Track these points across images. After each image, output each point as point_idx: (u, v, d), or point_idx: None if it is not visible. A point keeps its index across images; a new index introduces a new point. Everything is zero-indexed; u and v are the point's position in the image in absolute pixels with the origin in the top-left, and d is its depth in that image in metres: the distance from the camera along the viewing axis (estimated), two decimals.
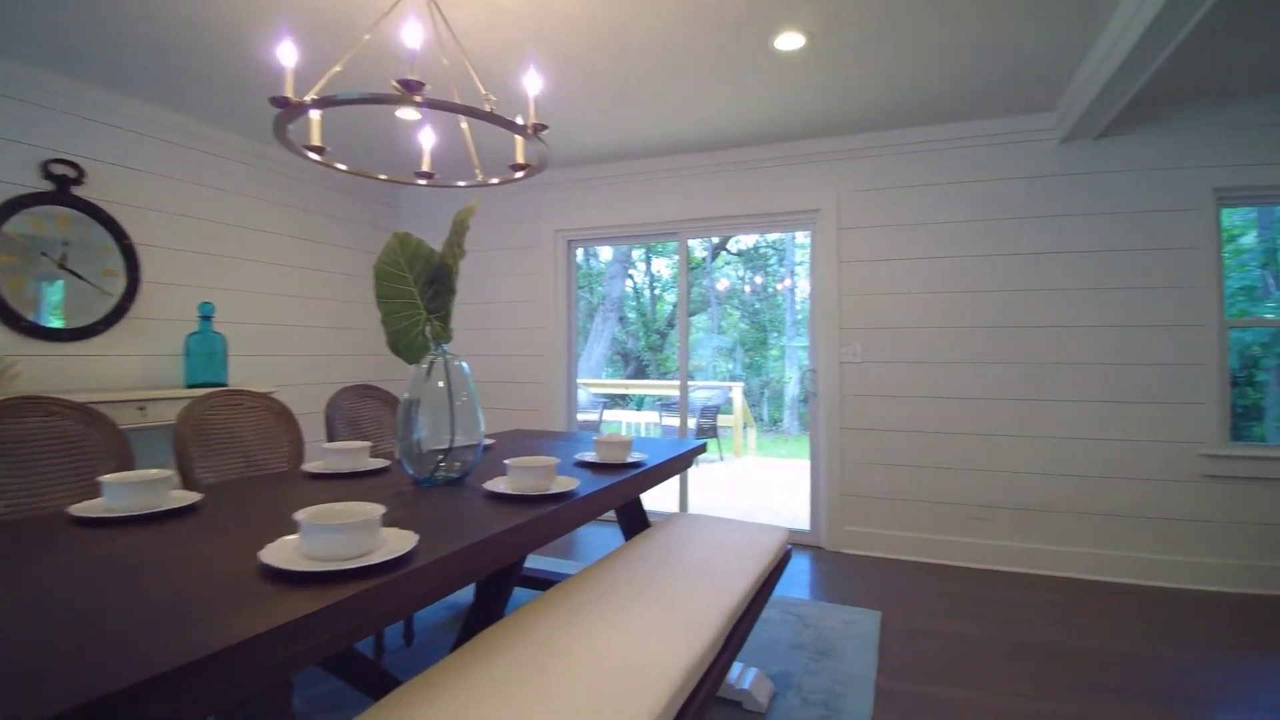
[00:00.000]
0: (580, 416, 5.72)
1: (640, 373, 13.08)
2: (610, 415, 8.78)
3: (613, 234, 4.71)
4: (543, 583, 2.79)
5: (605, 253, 12.75)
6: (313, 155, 2.08)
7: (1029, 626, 2.86)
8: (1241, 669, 2.50)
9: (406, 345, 1.92)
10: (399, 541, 1.24)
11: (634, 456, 2.34)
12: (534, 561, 3.51)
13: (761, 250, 12.65)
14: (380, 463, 2.18)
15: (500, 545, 1.43)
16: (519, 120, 2.03)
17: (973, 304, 3.69)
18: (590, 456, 2.33)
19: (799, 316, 11.74)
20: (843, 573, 3.57)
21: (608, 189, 4.58)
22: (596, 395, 8.55)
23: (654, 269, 13.77)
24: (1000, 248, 3.64)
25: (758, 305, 13.00)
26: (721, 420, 7.61)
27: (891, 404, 3.81)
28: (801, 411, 10.76)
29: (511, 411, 4.83)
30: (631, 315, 13.57)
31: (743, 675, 2.26)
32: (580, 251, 5.20)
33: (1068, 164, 3.57)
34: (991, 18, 2.65)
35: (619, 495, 2.09)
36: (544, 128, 2.12)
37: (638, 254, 13.35)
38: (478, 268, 4.91)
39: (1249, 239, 3.57)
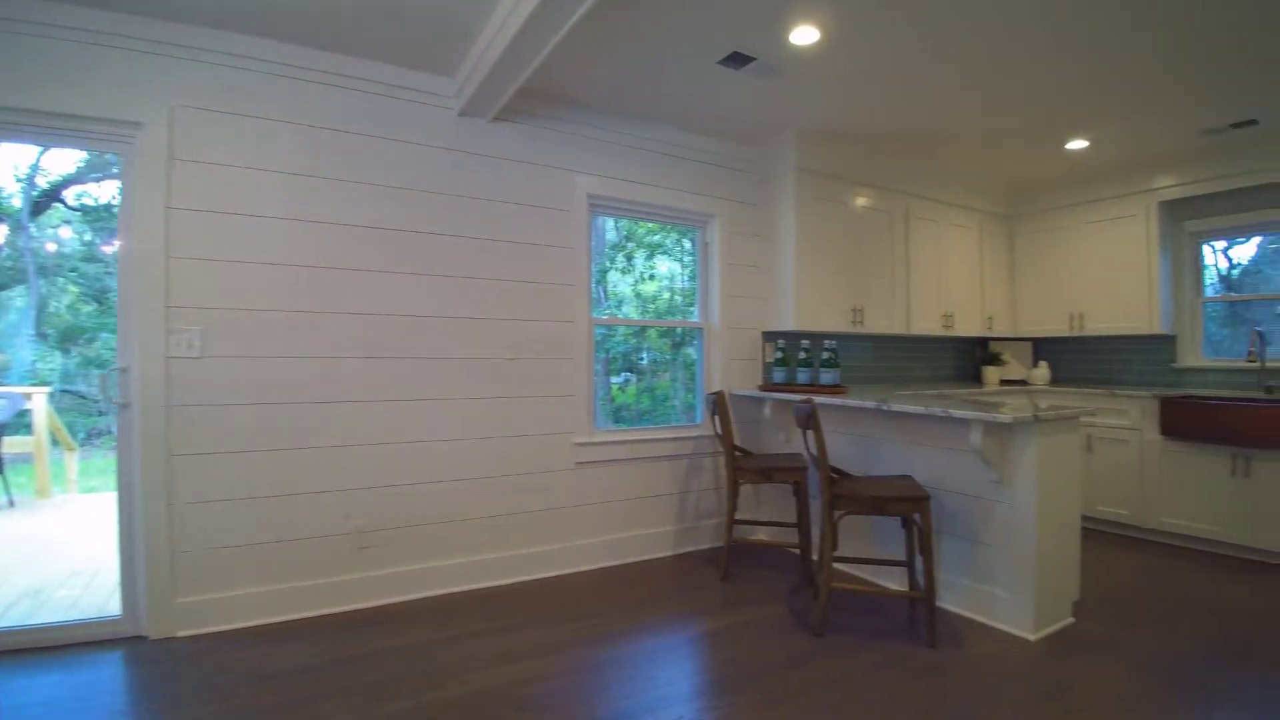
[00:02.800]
0: None
1: None
2: None
3: None
4: None
5: None
6: None
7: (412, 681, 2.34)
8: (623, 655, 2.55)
9: None
10: None
11: None
12: None
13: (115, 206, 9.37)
14: None
15: None
16: None
17: (350, 284, 3.01)
18: None
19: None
20: (171, 675, 2.37)
21: None
22: None
23: None
24: (387, 219, 3.07)
25: (107, 276, 9.59)
26: (10, 445, 4.97)
27: (246, 414, 2.78)
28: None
29: None
30: None
31: None
32: None
33: (465, 140, 3.27)
34: None
35: None
36: None
37: None
38: None
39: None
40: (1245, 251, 4.85)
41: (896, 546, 3.19)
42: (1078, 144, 4.14)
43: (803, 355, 3.90)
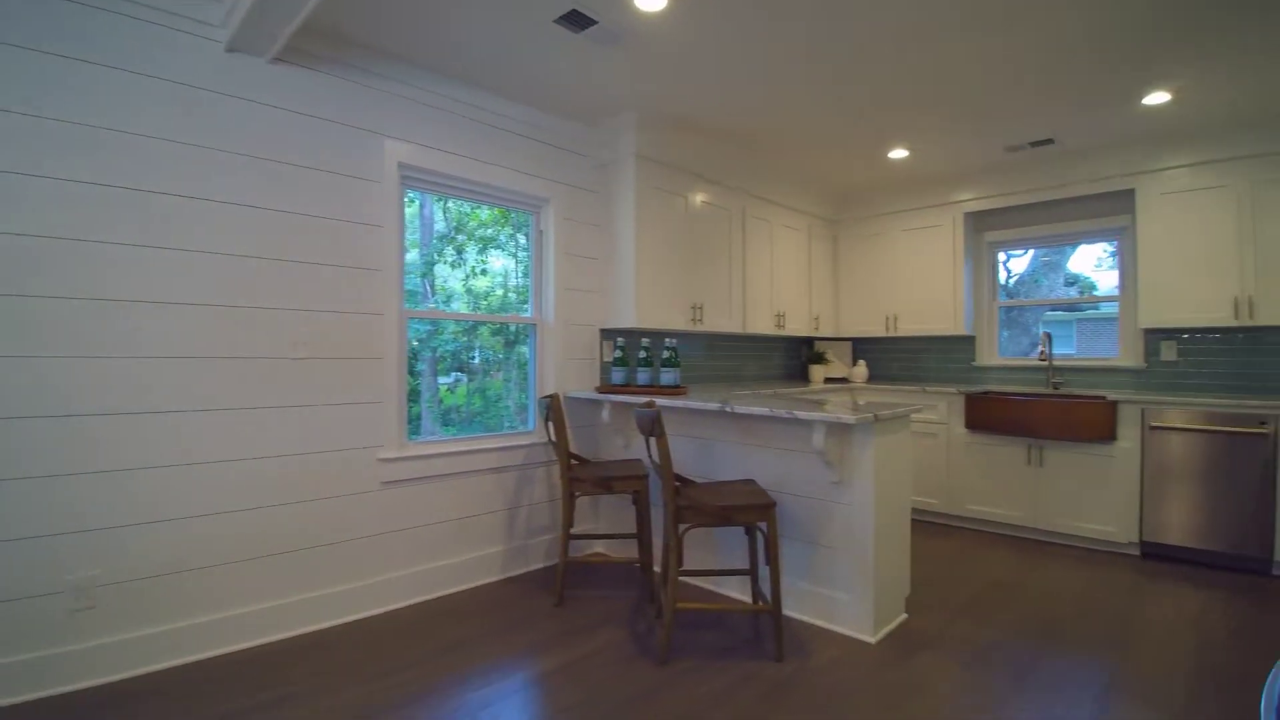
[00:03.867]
0: None
1: None
2: None
3: None
4: None
5: None
6: None
7: None
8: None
9: None
10: None
11: None
12: None
13: None
14: None
15: None
16: None
17: (80, 263, 2.26)
18: None
19: None
20: None
21: None
22: None
23: None
24: (119, 175, 2.34)
25: None
26: None
27: None
28: None
29: None
30: None
31: None
32: None
33: (235, 82, 2.59)
34: None
35: None
36: None
37: None
38: None
39: (412, 255, 3.57)
40: (1021, 264, 5.45)
41: (739, 554, 3.04)
42: (899, 153, 4.34)
43: (643, 355, 3.66)
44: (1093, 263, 5.91)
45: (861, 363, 5.50)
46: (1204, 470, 3.57)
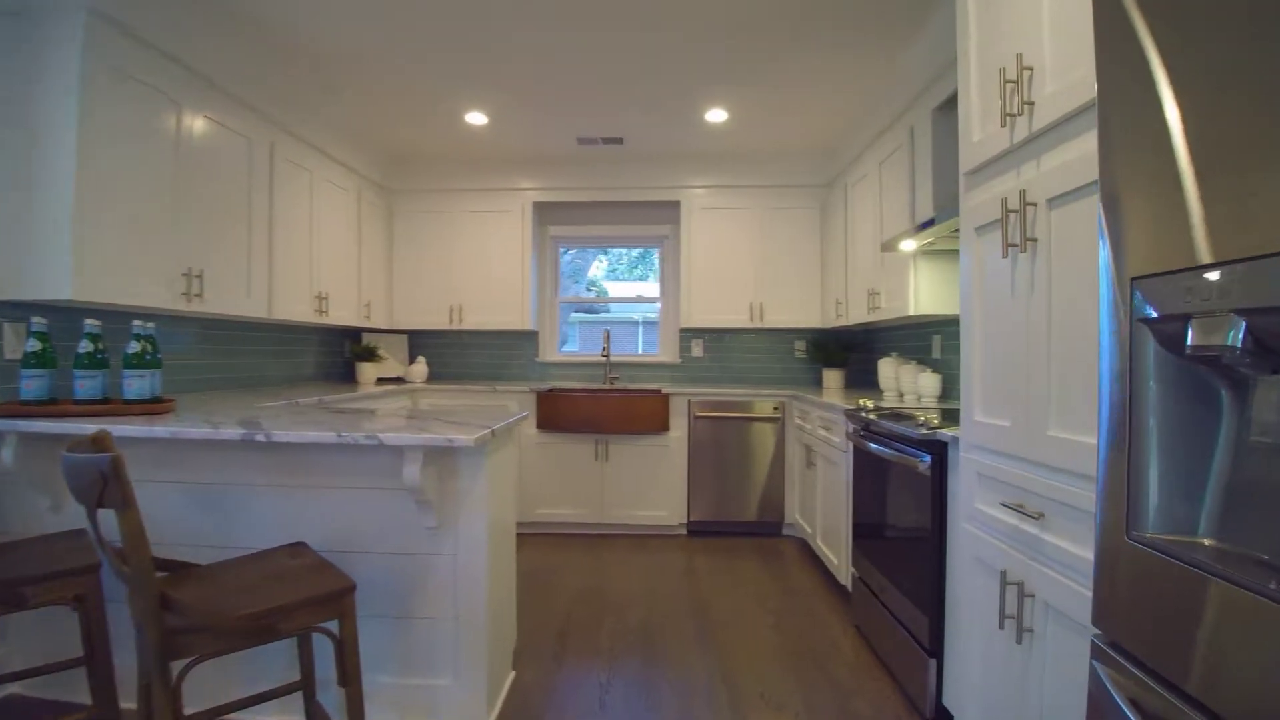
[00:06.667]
0: None
1: None
2: None
3: None
4: None
5: None
6: None
7: None
8: None
9: None
10: None
11: None
12: None
13: None
14: None
15: None
16: None
17: None
18: None
19: None
20: None
21: None
22: None
23: None
24: None
25: None
26: None
27: None
28: None
29: None
30: None
31: None
32: None
33: None
34: None
35: None
36: None
37: None
38: None
39: None
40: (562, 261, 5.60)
41: (283, 662, 1.99)
42: (476, 118, 3.76)
43: (86, 348, 2.17)
44: (604, 270, 6.53)
45: (421, 359, 4.76)
46: (734, 452, 4.09)
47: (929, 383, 3.25)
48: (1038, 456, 1.43)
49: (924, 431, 2.05)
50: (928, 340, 3.59)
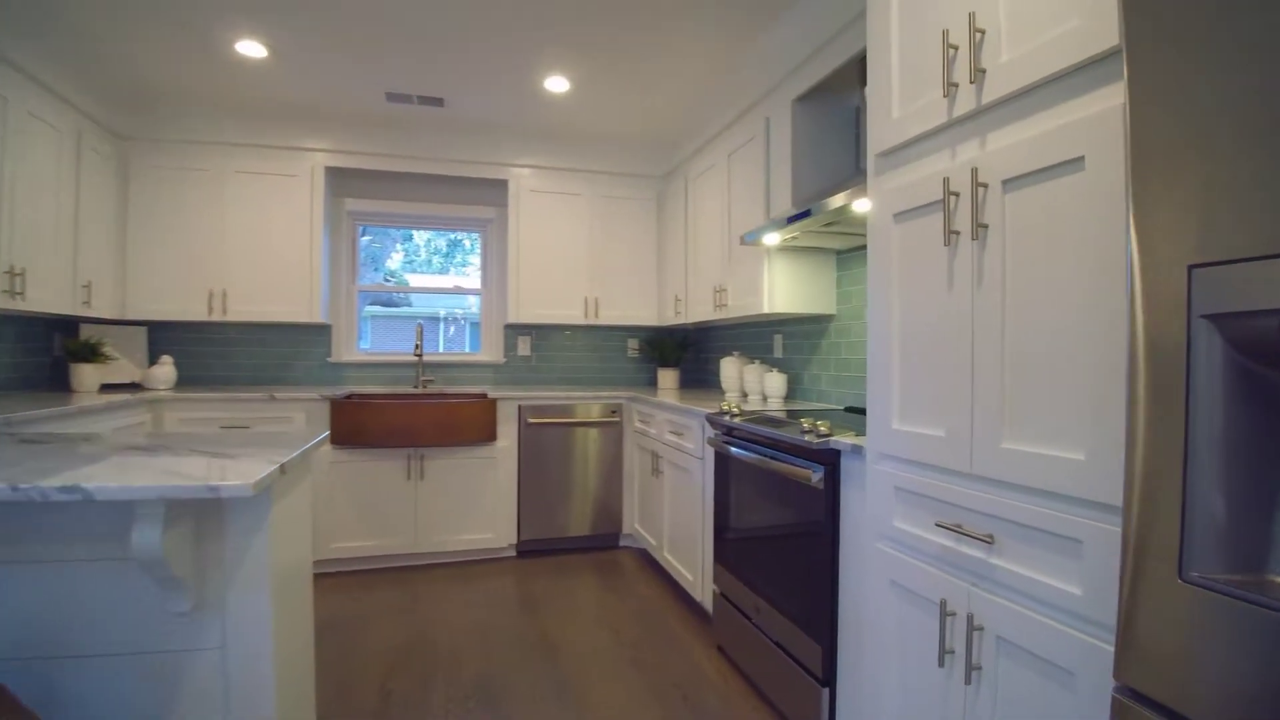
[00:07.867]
0: None
1: None
2: None
3: None
4: None
5: None
6: None
7: None
8: None
9: None
10: None
11: None
12: None
13: None
14: None
15: None
16: None
17: None
18: None
19: None
20: None
21: None
22: None
23: None
24: None
25: None
26: None
27: None
28: None
29: None
30: None
31: None
32: None
33: None
34: None
35: None
36: None
37: None
38: None
39: None
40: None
41: None
42: (252, 48, 2.92)
43: None
44: (400, 261, 5.87)
45: (166, 359, 3.69)
46: (570, 460, 3.71)
47: (776, 383, 3.17)
48: (987, 471, 1.26)
49: (815, 440, 1.86)
50: (768, 339, 3.53)
